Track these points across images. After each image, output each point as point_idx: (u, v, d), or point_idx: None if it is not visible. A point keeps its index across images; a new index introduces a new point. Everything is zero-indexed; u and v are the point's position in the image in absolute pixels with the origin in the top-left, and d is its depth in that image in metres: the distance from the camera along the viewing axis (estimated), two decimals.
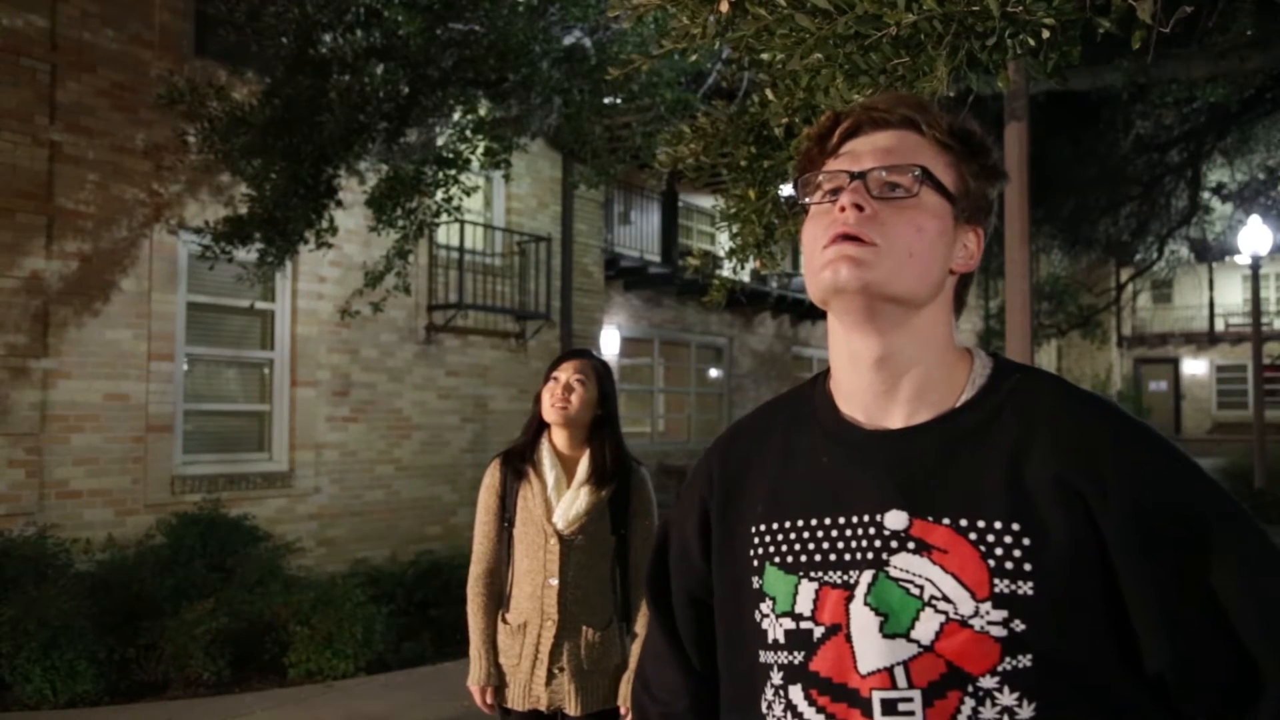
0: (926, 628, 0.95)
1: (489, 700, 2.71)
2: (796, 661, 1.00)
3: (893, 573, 0.96)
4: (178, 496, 7.73)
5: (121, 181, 7.56)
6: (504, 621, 2.74)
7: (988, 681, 0.93)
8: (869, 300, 0.98)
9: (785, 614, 1.01)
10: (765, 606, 1.03)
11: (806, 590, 1.00)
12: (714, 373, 16.77)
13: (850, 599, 0.97)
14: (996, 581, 0.93)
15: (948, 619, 0.94)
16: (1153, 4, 1.94)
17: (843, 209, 0.98)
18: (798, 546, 1.02)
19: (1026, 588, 0.93)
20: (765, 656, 1.02)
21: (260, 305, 8.42)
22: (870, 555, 0.98)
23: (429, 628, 7.05)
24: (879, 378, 1.01)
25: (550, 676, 2.67)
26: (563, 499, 2.72)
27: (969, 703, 0.93)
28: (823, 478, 1.03)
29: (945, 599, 0.94)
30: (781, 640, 1.00)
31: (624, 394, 14.69)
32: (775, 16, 2.10)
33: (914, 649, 0.95)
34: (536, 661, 2.67)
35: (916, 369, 1.02)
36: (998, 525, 0.95)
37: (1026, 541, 0.94)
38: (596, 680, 2.70)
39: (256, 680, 5.99)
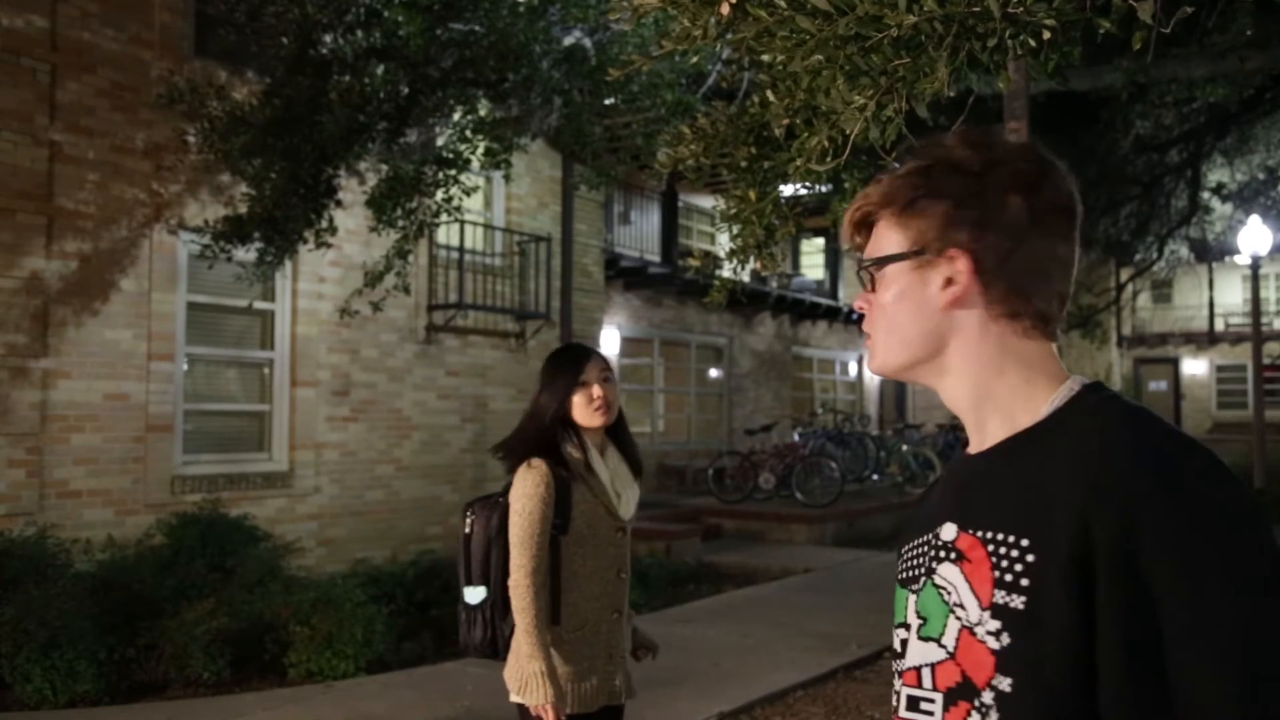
0: (951, 634, 1.00)
1: (563, 717, 2.60)
2: (898, 667, 1.10)
3: (936, 580, 1.03)
4: (178, 496, 7.73)
5: (121, 181, 7.56)
6: (564, 630, 2.65)
7: (986, 696, 0.96)
8: (894, 375, 1.12)
9: (899, 625, 1.10)
10: (896, 620, 1.12)
11: (908, 602, 1.09)
12: (714, 373, 16.76)
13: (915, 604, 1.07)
14: (997, 592, 0.97)
15: (962, 625, 0.99)
16: (1153, 4, 1.94)
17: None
18: (905, 565, 1.11)
19: (1018, 601, 0.95)
20: (894, 665, 1.11)
21: (260, 305, 8.42)
22: (927, 564, 1.05)
23: (429, 628, 7.05)
24: (960, 414, 1.09)
25: (620, 667, 2.73)
26: (624, 491, 2.76)
27: (975, 716, 0.97)
28: (930, 502, 1.14)
29: (962, 605, 0.99)
30: (897, 649, 1.10)
31: (624, 394, 14.68)
32: (776, 18, 2.10)
33: (942, 654, 1.01)
34: (610, 657, 2.70)
35: (986, 403, 1.06)
36: (1011, 538, 0.97)
37: (1031, 558, 0.95)
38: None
39: (256, 680, 5.99)
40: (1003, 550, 0.97)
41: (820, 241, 19.47)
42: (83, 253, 7.33)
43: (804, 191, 6.03)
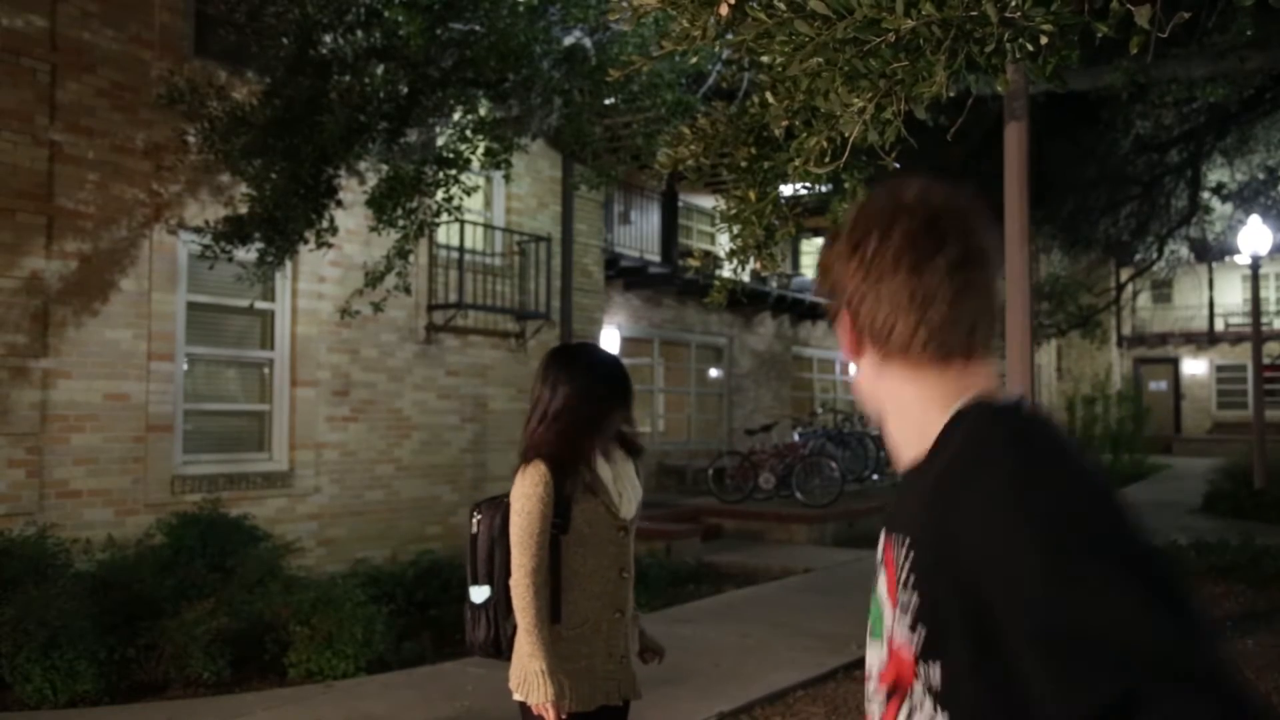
0: (886, 634, 1.10)
1: (564, 715, 2.61)
2: None
3: (876, 587, 1.14)
4: (178, 496, 7.73)
5: (121, 181, 7.56)
6: (564, 629, 2.66)
7: (916, 689, 1.04)
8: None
9: None
10: None
11: None
12: (714, 373, 16.76)
13: None
14: (899, 591, 1.06)
15: (888, 626, 1.09)
16: (1151, 9, 1.94)
17: None
18: None
19: (915, 597, 1.03)
20: None
21: (260, 305, 8.42)
22: (875, 575, 1.17)
23: (429, 628, 7.05)
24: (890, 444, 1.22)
25: (621, 667, 2.71)
26: (625, 491, 2.76)
27: (905, 708, 1.05)
28: None
29: (886, 607, 1.10)
30: None
31: None
32: (775, 20, 2.11)
33: (886, 653, 1.10)
34: (609, 656, 2.69)
35: (900, 433, 1.17)
36: (900, 538, 1.08)
37: (912, 554, 1.04)
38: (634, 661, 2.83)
39: (256, 680, 5.99)
40: (900, 552, 1.07)
41: (820, 241, 19.43)
42: (83, 253, 7.33)
43: (803, 192, 6.03)
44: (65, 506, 7.13)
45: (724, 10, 2.42)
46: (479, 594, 2.76)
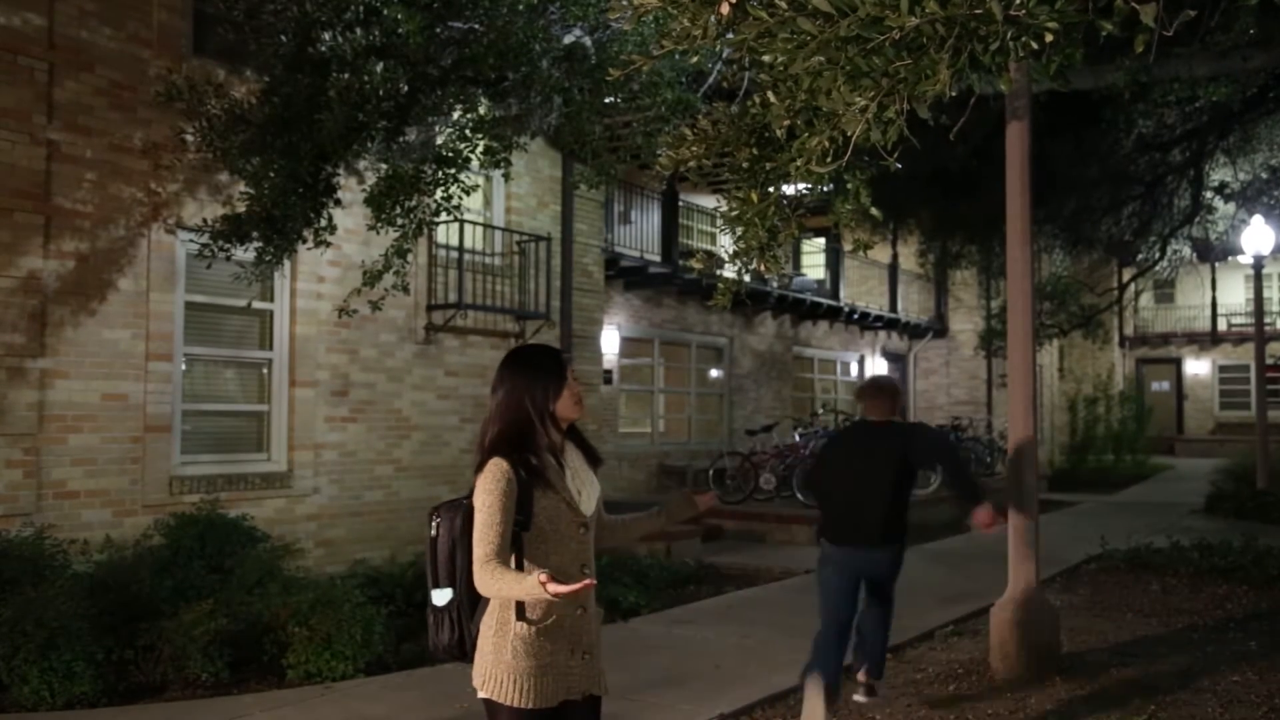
0: None
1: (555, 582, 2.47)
2: None
3: None
4: (176, 497, 7.71)
5: (119, 180, 7.54)
6: (525, 624, 2.65)
7: None
8: None
9: None
10: None
11: None
12: (714, 373, 16.73)
13: None
14: None
15: None
16: (1156, 7, 1.91)
17: None
18: None
19: None
20: None
21: (259, 305, 8.39)
22: None
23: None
24: None
25: (584, 663, 2.71)
26: (584, 488, 2.77)
27: None
28: None
29: None
30: None
31: (624, 394, 14.65)
32: (776, 19, 2.08)
33: None
34: (572, 653, 2.70)
35: None
36: None
37: None
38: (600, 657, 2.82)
39: (255, 681, 5.97)
40: None
41: (821, 241, 19.43)
42: (80, 252, 7.31)
43: (805, 192, 6.01)
44: (63, 507, 7.11)
45: (725, 9, 2.39)
46: (441, 596, 2.75)
